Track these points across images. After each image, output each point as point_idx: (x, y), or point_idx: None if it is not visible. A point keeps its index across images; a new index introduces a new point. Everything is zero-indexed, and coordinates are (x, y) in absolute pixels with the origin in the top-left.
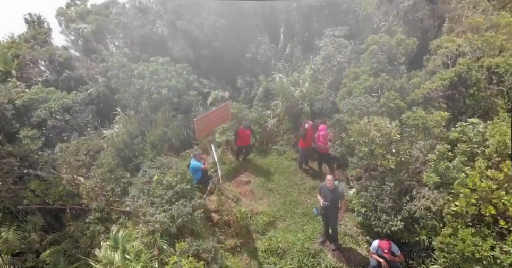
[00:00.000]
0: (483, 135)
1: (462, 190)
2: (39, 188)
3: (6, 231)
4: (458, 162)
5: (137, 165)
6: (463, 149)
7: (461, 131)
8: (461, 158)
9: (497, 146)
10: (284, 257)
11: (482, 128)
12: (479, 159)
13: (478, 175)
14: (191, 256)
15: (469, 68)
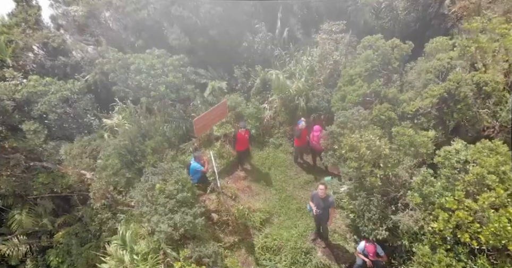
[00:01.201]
0: (465, 162)
1: (441, 214)
2: (46, 180)
3: (18, 214)
4: (439, 187)
5: (139, 169)
6: (446, 174)
7: (444, 156)
8: (443, 184)
9: (476, 177)
10: (279, 254)
11: (463, 156)
12: (459, 185)
13: (457, 202)
14: (193, 262)
15: (458, 84)
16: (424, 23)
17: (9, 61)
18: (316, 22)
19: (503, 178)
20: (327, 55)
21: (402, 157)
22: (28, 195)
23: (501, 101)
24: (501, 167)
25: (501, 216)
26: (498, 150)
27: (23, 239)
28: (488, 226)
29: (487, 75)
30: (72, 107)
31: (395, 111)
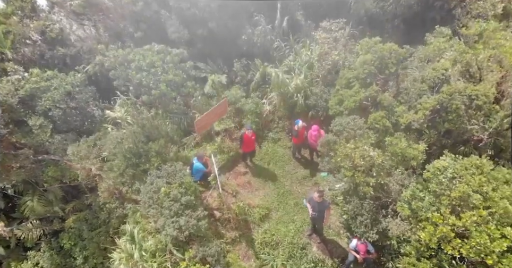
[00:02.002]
0: (452, 178)
1: (428, 226)
2: (55, 174)
3: (30, 200)
4: (427, 202)
5: (144, 170)
6: (433, 189)
7: (433, 172)
8: (430, 199)
9: (461, 195)
10: (277, 248)
11: (450, 174)
12: (445, 200)
13: (442, 218)
14: (198, 261)
15: (451, 96)
16: (427, 5)
17: (9, 54)
18: (316, 10)
19: (486, 197)
20: (326, 55)
21: (394, 165)
22: (38, 183)
23: (491, 113)
24: (484, 187)
25: (482, 232)
26: (484, 168)
27: (36, 223)
28: (470, 241)
29: (479, 87)
30: (75, 99)
31: (390, 119)
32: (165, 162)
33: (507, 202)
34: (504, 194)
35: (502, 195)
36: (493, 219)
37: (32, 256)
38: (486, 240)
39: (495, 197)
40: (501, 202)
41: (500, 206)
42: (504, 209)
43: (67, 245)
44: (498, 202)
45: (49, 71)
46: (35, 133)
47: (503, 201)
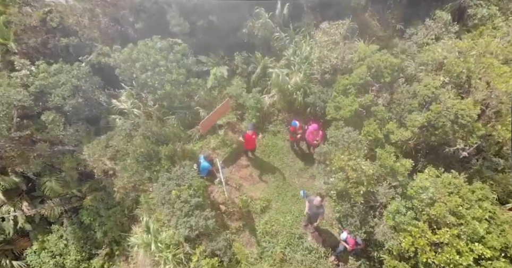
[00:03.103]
0: (431, 199)
1: (408, 237)
2: (72, 164)
3: (49, 181)
4: (408, 217)
5: (156, 171)
6: (415, 204)
7: (416, 191)
8: (411, 214)
9: (438, 214)
10: (276, 237)
11: (431, 193)
12: (424, 216)
13: (420, 232)
14: (207, 255)
15: (438, 114)
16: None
17: (14, 47)
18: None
19: (460, 216)
20: (325, 58)
21: (383, 176)
22: (54, 166)
23: (474, 131)
24: (459, 208)
25: (452, 248)
26: (461, 191)
27: (56, 201)
28: (442, 255)
29: (464, 106)
30: (82, 91)
31: (382, 130)
32: (174, 163)
33: (477, 223)
34: (475, 215)
35: (474, 215)
36: (464, 235)
37: (56, 230)
38: (455, 255)
39: (468, 216)
40: (471, 222)
41: (469, 226)
42: (473, 230)
43: (87, 221)
44: (469, 221)
45: (55, 64)
46: (50, 128)
47: (473, 221)
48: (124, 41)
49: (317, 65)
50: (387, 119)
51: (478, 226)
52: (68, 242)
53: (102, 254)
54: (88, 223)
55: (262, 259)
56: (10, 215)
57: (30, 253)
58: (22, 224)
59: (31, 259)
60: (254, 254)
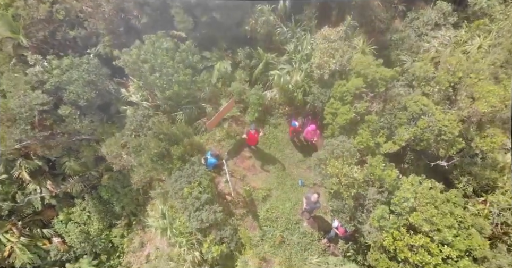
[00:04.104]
0: (411, 207)
1: (389, 237)
2: (90, 153)
3: (68, 161)
4: (391, 222)
5: (169, 168)
6: (398, 211)
7: (398, 200)
8: (393, 219)
9: (416, 221)
10: (276, 222)
11: (411, 203)
12: (404, 221)
13: (400, 235)
14: (217, 242)
15: (424, 130)
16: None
17: (24, 41)
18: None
19: (434, 223)
20: (325, 64)
21: (372, 181)
22: (72, 148)
23: (454, 144)
24: (433, 218)
25: (425, 251)
26: (437, 201)
27: (76, 179)
28: (415, 256)
29: (447, 122)
30: (93, 83)
31: (374, 139)
32: (185, 162)
33: (447, 231)
34: (447, 223)
35: (446, 223)
36: (436, 239)
37: (79, 203)
38: (426, 256)
39: (440, 224)
40: (443, 230)
41: (440, 235)
42: (443, 237)
43: (106, 196)
44: (441, 229)
45: (66, 59)
46: (67, 121)
47: (444, 229)
48: (129, 31)
49: (317, 69)
50: (378, 129)
51: (447, 234)
52: (90, 214)
53: (122, 225)
54: (107, 198)
55: (263, 241)
56: (37, 192)
57: (57, 222)
58: (48, 199)
59: (58, 227)
60: (257, 237)
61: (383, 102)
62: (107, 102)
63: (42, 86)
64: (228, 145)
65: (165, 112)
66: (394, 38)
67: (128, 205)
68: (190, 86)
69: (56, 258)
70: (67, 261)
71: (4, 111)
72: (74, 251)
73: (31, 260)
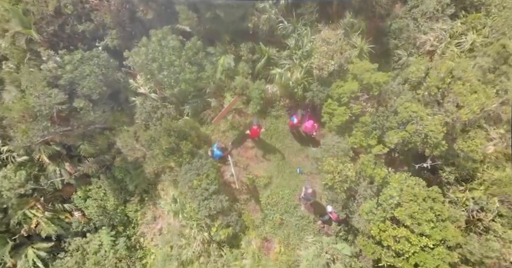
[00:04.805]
0: (397, 204)
1: (376, 228)
2: (104, 142)
3: (82, 144)
4: (378, 216)
5: (179, 161)
6: (384, 206)
7: (385, 198)
8: (380, 214)
9: (399, 216)
10: (276, 205)
11: (396, 201)
12: (389, 214)
13: (385, 227)
14: (223, 226)
15: (411, 134)
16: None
17: (36, 36)
18: None
19: (415, 218)
20: (324, 65)
21: (363, 178)
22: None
23: (438, 146)
24: (415, 213)
25: (406, 241)
26: (418, 199)
27: (91, 160)
28: (397, 244)
29: (434, 127)
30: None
31: (366, 139)
32: (194, 155)
33: (425, 225)
34: (427, 218)
35: (426, 218)
36: (417, 231)
37: (95, 182)
38: (407, 247)
39: (421, 219)
40: (423, 224)
41: (420, 228)
42: (422, 230)
43: (119, 176)
44: (422, 224)
45: (76, 53)
46: (82, 114)
47: (423, 223)
48: (135, 24)
49: (316, 70)
50: (371, 130)
51: (426, 227)
52: (106, 192)
53: (135, 201)
54: (120, 178)
55: (265, 223)
56: (57, 173)
57: (76, 198)
58: (67, 180)
59: (77, 202)
60: (259, 219)
61: (377, 103)
62: (116, 91)
63: (56, 81)
64: (232, 136)
65: (173, 103)
66: (393, 27)
67: (140, 184)
68: (196, 83)
69: (78, 229)
70: (88, 232)
71: (26, 109)
72: (94, 223)
73: (55, 231)
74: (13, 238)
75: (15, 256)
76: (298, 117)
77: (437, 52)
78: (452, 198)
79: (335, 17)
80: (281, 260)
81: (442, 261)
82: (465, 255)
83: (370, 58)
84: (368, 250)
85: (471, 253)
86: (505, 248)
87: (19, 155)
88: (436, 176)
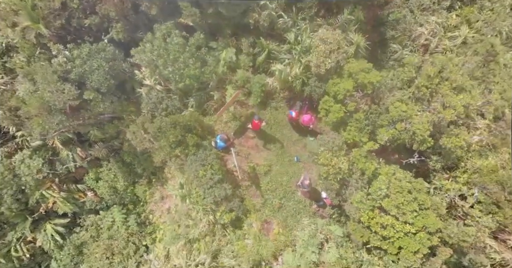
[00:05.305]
0: (385, 195)
1: (365, 216)
2: (114, 130)
3: (92, 130)
4: (367, 205)
5: (186, 153)
6: (373, 197)
7: (374, 190)
8: (369, 203)
9: (386, 206)
10: (275, 191)
11: (384, 193)
12: (377, 204)
13: (373, 215)
14: (227, 211)
15: (400, 132)
16: None
17: (44, 31)
18: None
19: (401, 208)
20: (322, 63)
21: (355, 171)
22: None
23: (424, 142)
24: (401, 204)
25: (391, 228)
26: (404, 192)
27: (101, 145)
28: (384, 230)
29: (421, 126)
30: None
31: (359, 135)
32: (199, 147)
33: (409, 214)
34: (411, 208)
35: (411, 208)
36: (401, 219)
37: (106, 165)
38: (392, 232)
39: (406, 210)
40: (407, 213)
41: (404, 216)
42: (406, 219)
43: (128, 160)
44: (406, 213)
45: (84, 47)
46: (92, 105)
47: (408, 213)
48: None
49: (315, 67)
50: (364, 126)
51: (409, 216)
52: (116, 174)
53: (144, 182)
54: (129, 161)
55: (265, 207)
56: (69, 157)
57: (88, 179)
58: (80, 163)
59: (89, 183)
60: (259, 203)
61: (370, 100)
62: (122, 81)
63: (67, 75)
64: (234, 127)
65: (177, 94)
66: (391, 18)
67: (148, 168)
68: (200, 78)
69: (91, 207)
70: (100, 210)
71: (41, 104)
72: (105, 202)
73: (71, 209)
74: (32, 216)
75: (34, 231)
76: (297, 111)
77: (431, 46)
78: (437, 184)
79: (334, 11)
80: (279, 240)
81: (423, 245)
82: (445, 238)
83: (367, 50)
84: (357, 234)
85: (449, 237)
86: (481, 232)
87: (33, 139)
88: (424, 164)
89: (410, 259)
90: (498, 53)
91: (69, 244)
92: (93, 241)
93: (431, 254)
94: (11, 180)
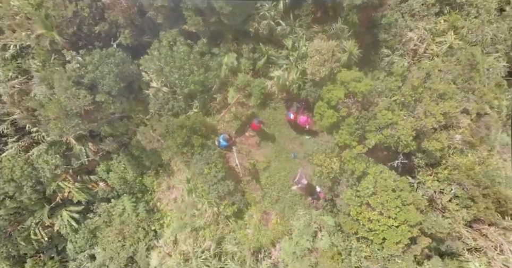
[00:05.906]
0: (372, 193)
1: (354, 210)
2: (124, 129)
3: (102, 126)
4: (356, 202)
5: (192, 152)
6: (362, 194)
7: (362, 189)
8: (358, 200)
9: (373, 203)
10: (273, 185)
11: (371, 191)
12: (364, 200)
13: (361, 210)
14: (230, 204)
15: (386, 137)
16: None
17: (58, 38)
18: None
19: (385, 205)
20: (317, 72)
21: (346, 171)
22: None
23: (408, 146)
24: (385, 202)
25: (376, 221)
26: (388, 190)
27: (111, 139)
28: (370, 224)
29: (405, 131)
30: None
31: (350, 138)
32: (203, 147)
33: (392, 210)
34: (394, 205)
35: (394, 205)
36: (386, 214)
37: (115, 157)
38: (377, 226)
39: (390, 206)
40: (391, 210)
41: (388, 212)
42: (389, 214)
43: (136, 153)
44: (390, 209)
45: (95, 53)
46: (104, 107)
47: (391, 209)
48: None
49: (310, 75)
50: (354, 130)
51: (392, 212)
52: (125, 166)
53: (152, 174)
54: (137, 155)
55: (264, 199)
56: (82, 152)
57: (99, 171)
58: (93, 157)
59: (101, 174)
60: (259, 196)
61: (361, 107)
62: (130, 82)
63: (80, 80)
64: (235, 126)
65: (181, 95)
66: (384, 21)
67: (155, 161)
68: (204, 83)
69: (103, 196)
70: (112, 198)
71: (58, 109)
72: (116, 191)
73: (85, 198)
74: (50, 204)
75: (52, 217)
76: (294, 112)
77: (419, 51)
78: (421, 180)
79: (330, 14)
80: (277, 229)
81: (404, 236)
82: (424, 229)
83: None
84: (347, 226)
85: (428, 228)
86: (456, 223)
87: (48, 134)
88: (410, 160)
89: (392, 248)
90: (478, 63)
91: (84, 228)
92: (105, 226)
93: (413, 242)
94: (30, 173)
